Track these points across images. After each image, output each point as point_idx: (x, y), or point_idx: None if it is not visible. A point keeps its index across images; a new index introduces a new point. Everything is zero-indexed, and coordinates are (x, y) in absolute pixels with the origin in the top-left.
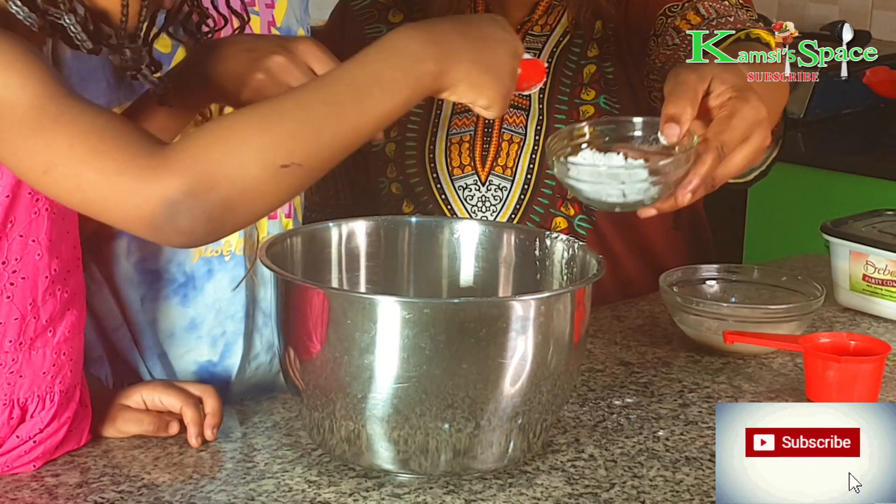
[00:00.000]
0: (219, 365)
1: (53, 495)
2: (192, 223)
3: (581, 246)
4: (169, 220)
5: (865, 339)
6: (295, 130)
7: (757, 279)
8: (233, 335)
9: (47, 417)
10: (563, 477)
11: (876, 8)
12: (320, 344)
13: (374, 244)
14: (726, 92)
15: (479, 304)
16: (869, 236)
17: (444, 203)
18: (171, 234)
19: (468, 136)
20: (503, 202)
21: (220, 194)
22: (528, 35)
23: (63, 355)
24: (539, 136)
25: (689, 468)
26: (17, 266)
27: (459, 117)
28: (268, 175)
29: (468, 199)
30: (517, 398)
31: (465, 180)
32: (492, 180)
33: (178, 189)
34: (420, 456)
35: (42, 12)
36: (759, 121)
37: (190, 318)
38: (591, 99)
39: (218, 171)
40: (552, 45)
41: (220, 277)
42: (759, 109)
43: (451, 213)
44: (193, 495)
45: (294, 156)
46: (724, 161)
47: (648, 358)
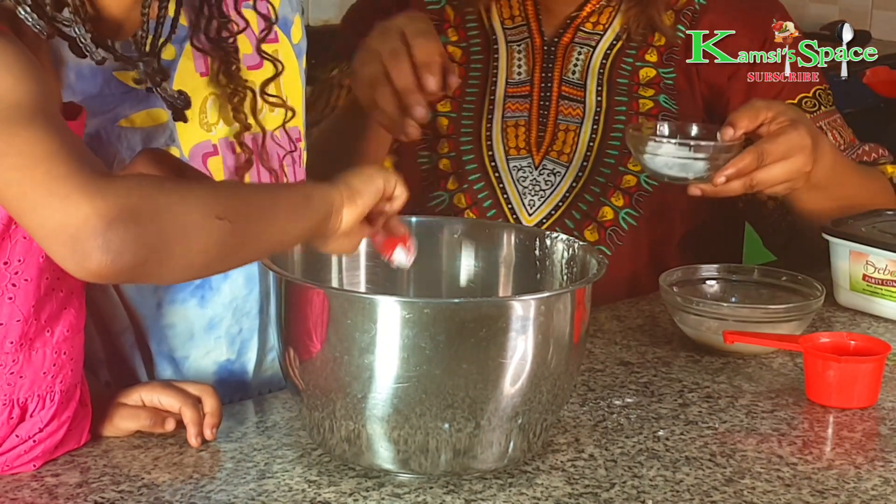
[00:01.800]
0: (236, 362)
1: (53, 495)
2: (121, 246)
3: (581, 246)
4: (98, 238)
5: (865, 338)
6: (233, 199)
7: (757, 279)
8: (248, 332)
9: (47, 417)
10: (563, 477)
11: (876, 8)
12: (320, 344)
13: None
14: (784, 120)
15: (479, 304)
16: (869, 236)
17: (496, 181)
18: (94, 253)
19: (523, 120)
20: (554, 187)
21: (157, 225)
22: (579, 31)
23: (63, 355)
24: (597, 125)
25: (689, 468)
26: (20, 268)
27: (512, 101)
28: (205, 221)
29: (520, 181)
30: (517, 398)
31: (519, 162)
32: (546, 164)
33: (106, 214)
34: (420, 456)
35: (50, 19)
36: (803, 146)
37: (208, 319)
38: (649, 95)
39: (160, 201)
40: (605, 46)
41: (236, 276)
42: (804, 138)
43: (503, 192)
44: (193, 495)
45: (225, 210)
46: (765, 168)
47: (648, 358)
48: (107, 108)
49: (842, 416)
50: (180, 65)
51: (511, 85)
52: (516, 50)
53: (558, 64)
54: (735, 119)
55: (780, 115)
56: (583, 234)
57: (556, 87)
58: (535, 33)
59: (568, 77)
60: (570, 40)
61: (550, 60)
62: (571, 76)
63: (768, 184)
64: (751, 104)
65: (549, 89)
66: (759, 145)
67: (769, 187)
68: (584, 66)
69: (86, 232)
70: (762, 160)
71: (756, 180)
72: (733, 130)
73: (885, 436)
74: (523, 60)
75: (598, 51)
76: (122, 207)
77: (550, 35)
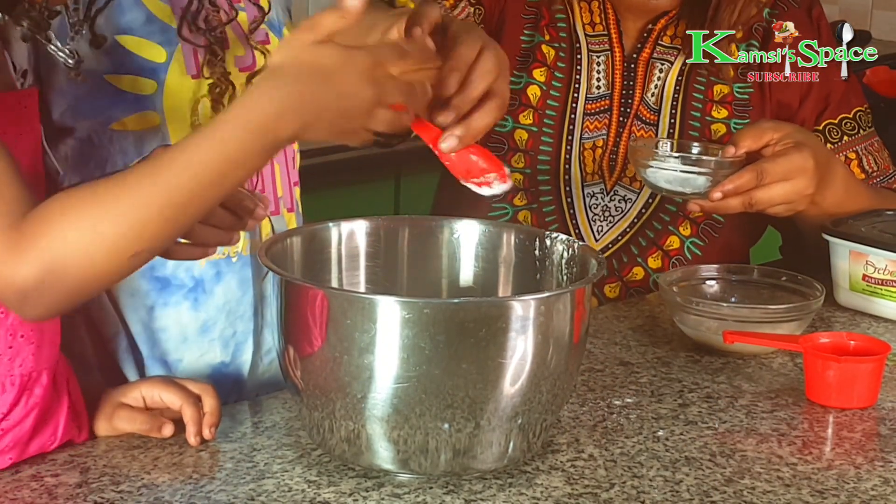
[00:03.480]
0: (230, 365)
1: (53, 495)
2: (40, 310)
3: (581, 246)
4: (21, 304)
5: (865, 339)
6: (148, 220)
7: (757, 279)
8: (243, 334)
9: (7, 401)
10: (563, 477)
11: (876, 8)
12: (320, 344)
13: (374, 244)
14: (789, 142)
15: (478, 304)
16: (869, 236)
17: (567, 207)
18: (25, 314)
19: (601, 140)
20: (624, 214)
21: (67, 284)
22: (657, 45)
23: (21, 338)
24: (671, 150)
25: (689, 468)
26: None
27: (590, 118)
28: (116, 265)
29: (592, 207)
30: (517, 398)
31: (592, 188)
32: (617, 190)
33: (30, 279)
34: (420, 456)
35: None
36: (804, 168)
37: (202, 322)
38: (721, 118)
39: (69, 261)
40: (680, 63)
41: (229, 279)
42: (807, 160)
43: (572, 217)
44: (193, 495)
45: (143, 243)
46: (764, 187)
47: (648, 358)
48: (98, 111)
49: (841, 417)
50: (171, 67)
51: (590, 101)
52: (597, 61)
53: (640, 82)
54: (738, 138)
55: (786, 137)
56: (646, 262)
57: (635, 108)
58: (615, 45)
59: (647, 98)
60: (649, 55)
61: (631, 77)
62: (650, 97)
63: (767, 203)
64: (758, 124)
65: (629, 106)
66: (758, 164)
67: (768, 207)
68: (661, 84)
69: (18, 297)
70: (761, 179)
71: (755, 199)
72: (735, 149)
73: (884, 436)
74: (603, 74)
75: (675, 66)
76: (43, 268)
77: (630, 49)
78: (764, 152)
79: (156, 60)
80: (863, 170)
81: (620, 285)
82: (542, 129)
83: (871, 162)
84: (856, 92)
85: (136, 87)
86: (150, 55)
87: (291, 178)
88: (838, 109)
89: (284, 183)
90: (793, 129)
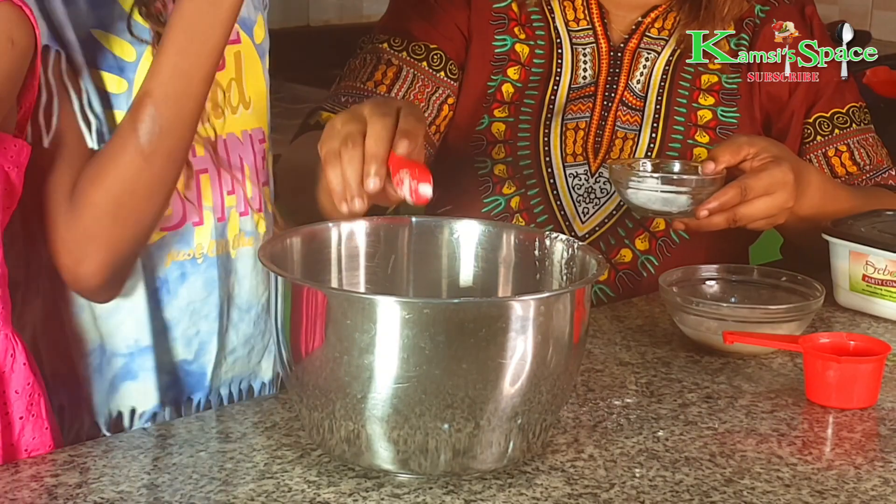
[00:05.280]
0: (194, 363)
1: (53, 495)
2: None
3: (581, 246)
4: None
5: (865, 339)
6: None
7: (757, 279)
8: (207, 334)
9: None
10: (563, 477)
11: (876, 8)
12: (320, 344)
13: (374, 244)
14: (766, 157)
15: (478, 304)
16: (869, 236)
17: (551, 188)
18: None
19: (584, 122)
20: (609, 196)
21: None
22: (644, 36)
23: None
24: (655, 133)
25: (689, 468)
26: None
27: (575, 103)
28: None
29: (575, 188)
30: (517, 398)
31: (576, 169)
32: (602, 173)
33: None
34: (420, 456)
35: None
36: (785, 182)
37: (164, 322)
38: (708, 105)
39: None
40: (669, 52)
41: (194, 280)
42: (787, 174)
43: (556, 199)
44: (193, 495)
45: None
46: (747, 203)
47: (648, 358)
48: None
49: (841, 417)
50: (140, 66)
51: (574, 89)
52: (582, 53)
53: (625, 70)
54: (716, 154)
55: (762, 151)
56: (633, 243)
57: (620, 93)
58: (601, 38)
59: (632, 84)
60: (636, 46)
61: (617, 66)
62: (636, 84)
63: (750, 219)
64: (733, 139)
65: (613, 92)
66: (741, 180)
67: (751, 222)
68: (648, 72)
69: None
70: (745, 195)
71: (739, 215)
72: (714, 165)
73: (884, 436)
74: (589, 65)
75: (662, 56)
76: None
77: (616, 40)
78: (742, 167)
79: (125, 59)
80: (854, 163)
81: (609, 268)
82: (519, 118)
83: (863, 155)
84: (851, 89)
85: (108, 85)
86: (121, 53)
87: (261, 178)
88: (830, 103)
89: (254, 182)
90: (768, 143)
